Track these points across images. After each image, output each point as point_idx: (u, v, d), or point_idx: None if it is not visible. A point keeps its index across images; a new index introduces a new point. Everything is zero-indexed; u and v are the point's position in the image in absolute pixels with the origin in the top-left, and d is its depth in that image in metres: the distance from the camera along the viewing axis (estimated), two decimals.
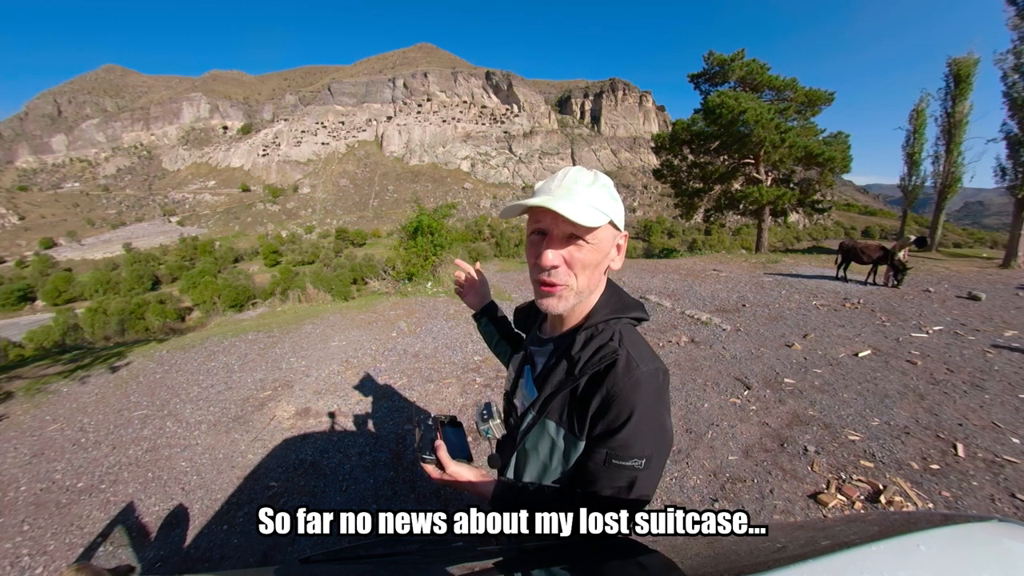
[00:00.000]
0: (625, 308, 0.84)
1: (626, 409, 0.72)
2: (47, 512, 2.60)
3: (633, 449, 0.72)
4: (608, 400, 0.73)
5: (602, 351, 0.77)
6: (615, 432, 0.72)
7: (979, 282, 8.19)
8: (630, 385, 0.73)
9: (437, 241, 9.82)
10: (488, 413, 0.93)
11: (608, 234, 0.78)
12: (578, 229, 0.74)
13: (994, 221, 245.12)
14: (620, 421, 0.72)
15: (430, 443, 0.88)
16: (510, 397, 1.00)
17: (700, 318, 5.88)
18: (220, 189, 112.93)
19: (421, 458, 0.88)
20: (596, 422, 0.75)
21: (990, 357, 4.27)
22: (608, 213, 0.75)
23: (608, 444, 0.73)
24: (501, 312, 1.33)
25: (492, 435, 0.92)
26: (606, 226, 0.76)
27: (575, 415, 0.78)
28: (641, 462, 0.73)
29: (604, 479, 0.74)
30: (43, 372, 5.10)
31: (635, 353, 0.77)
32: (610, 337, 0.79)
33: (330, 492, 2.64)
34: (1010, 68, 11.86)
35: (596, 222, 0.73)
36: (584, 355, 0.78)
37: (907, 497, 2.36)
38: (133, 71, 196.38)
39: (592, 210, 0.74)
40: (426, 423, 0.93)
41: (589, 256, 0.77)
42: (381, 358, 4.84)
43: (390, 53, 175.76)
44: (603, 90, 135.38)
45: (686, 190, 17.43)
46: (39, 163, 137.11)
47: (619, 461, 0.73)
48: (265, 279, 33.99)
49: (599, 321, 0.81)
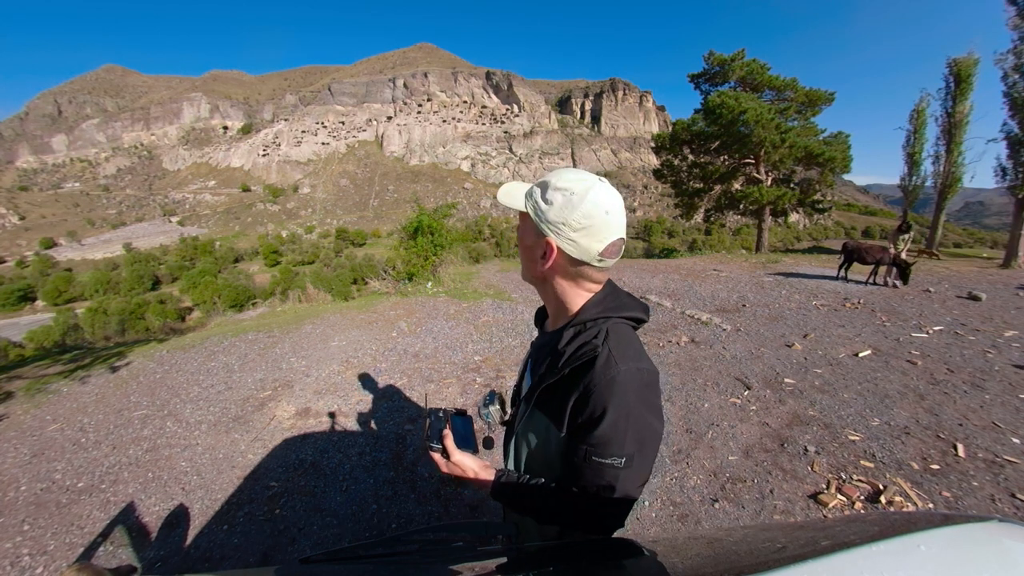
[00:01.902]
0: (619, 308, 0.84)
1: (600, 406, 0.73)
2: (47, 512, 2.60)
3: (611, 447, 0.73)
4: (585, 396, 0.75)
5: (584, 347, 0.78)
6: (591, 428, 0.73)
7: (979, 282, 8.19)
8: (605, 382, 0.73)
9: (437, 241, 9.81)
10: (490, 399, 0.97)
11: (528, 226, 0.84)
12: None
13: (994, 221, 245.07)
14: (595, 417, 0.73)
15: (438, 433, 0.91)
16: (517, 386, 1.07)
17: (700, 318, 5.87)
18: (220, 189, 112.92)
19: (428, 446, 0.90)
20: (575, 417, 0.77)
21: (990, 357, 4.27)
22: (527, 207, 0.83)
23: (587, 440, 0.74)
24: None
25: (492, 419, 0.97)
26: (526, 217, 0.84)
27: (558, 408, 0.80)
28: (620, 460, 0.73)
29: (587, 475, 0.75)
30: (43, 372, 5.10)
31: (617, 351, 0.76)
32: (595, 335, 0.79)
33: (330, 492, 2.64)
34: (1010, 68, 11.84)
35: (508, 203, 0.85)
36: (569, 350, 0.80)
37: (907, 497, 2.35)
38: (133, 71, 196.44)
39: (517, 194, 0.85)
40: (436, 414, 0.96)
41: (519, 235, 0.88)
42: (381, 358, 4.83)
43: (390, 53, 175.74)
44: (603, 90, 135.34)
45: (686, 190, 17.42)
46: (39, 163, 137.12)
47: (598, 458, 0.73)
48: (265, 279, 34.00)
49: (588, 319, 0.82)
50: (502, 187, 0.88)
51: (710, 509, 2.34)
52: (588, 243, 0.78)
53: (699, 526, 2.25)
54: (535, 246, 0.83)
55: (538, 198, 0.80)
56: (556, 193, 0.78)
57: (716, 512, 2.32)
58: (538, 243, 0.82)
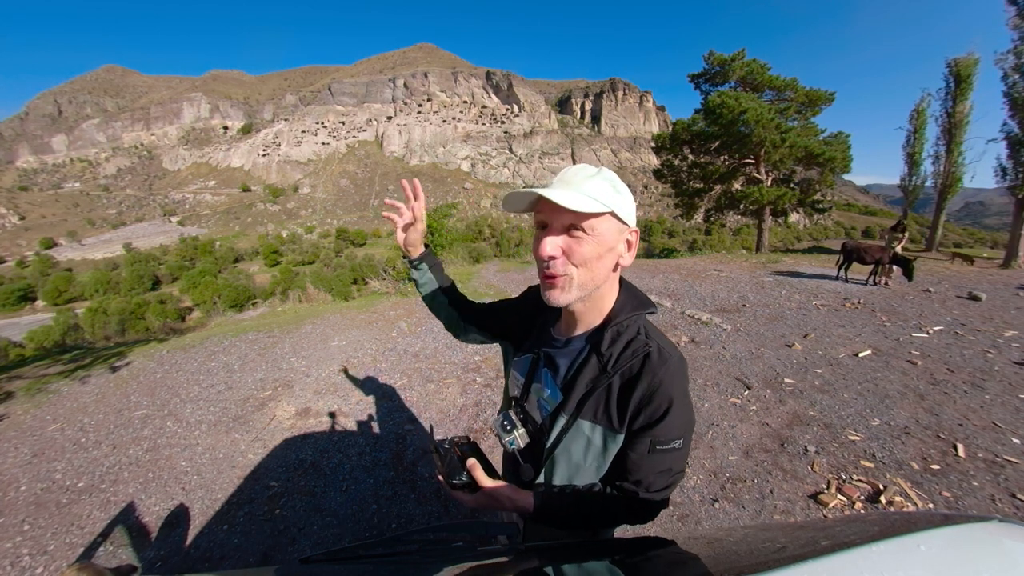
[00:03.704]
0: (642, 304, 0.86)
1: (667, 398, 0.76)
2: (47, 512, 2.60)
3: (673, 432, 0.77)
4: (650, 392, 0.76)
5: (633, 345, 0.80)
6: (658, 421, 0.76)
7: (979, 282, 8.19)
8: (668, 375, 0.76)
9: (437, 241, 9.83)
10: (510, 424, 0.90)
11: (611, 227, 0.77)
12: (576, 218, 0.74)
13: (995, 221, 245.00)
14: (663, 410, 0.76)
15: (458, 466, 0.84)
16: (521, 402, 0.95)
17: (700, 318, 5.87)
18: (220, 189, 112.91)
19: (451, 483, 0.84)
20: (637, 414, 0.78)
21: (990, 357, 4.27)
22: (608, 204, 0.74)
23: (651, 433, 0.77)
24: (439, 259, 1.20)
25: (516, 445, 0.89)
26: (607, 218, 0.76)
27: (614, 410, 0.79)
28: (680, 442, 0.78)
29: (647, 466, 0.78)
30: (43, 372, 5.10)
31: (663, 344, 0.81)
32: (637, 332, 0.82)
33: (330, 492, 2.64)
34: (1010, 68, 11.85)
35: (589, 209, 0.73)
36: (615, 351, 0.80)
37: (907, 497, 2.35)
38: (133, 71, 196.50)
39: (588, 199, 0.73)
40: (442, 447, 0.91)
41: (589, 248, 0.75)
42: (381, 358, 4.84)
43: (390, 53, 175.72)
44: (603, 90, 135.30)
45: (686, 190, 17.41)
46: (39, 163, 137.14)
47: (662, 447, 0.77)
48: (265, 279, 33.99)
49: (623, 319, 0.82)
50: (560, 195, 0.72)
51: (710, 509, 2.34)
52: None
53: (699, 526, 2.25)
54: (616, 245, 0.79)
55: (613, 194, 0.76)
56: (620, 185, 0.79)
57: (716, 512, 2.32)
58: (620, 238, 0.79)
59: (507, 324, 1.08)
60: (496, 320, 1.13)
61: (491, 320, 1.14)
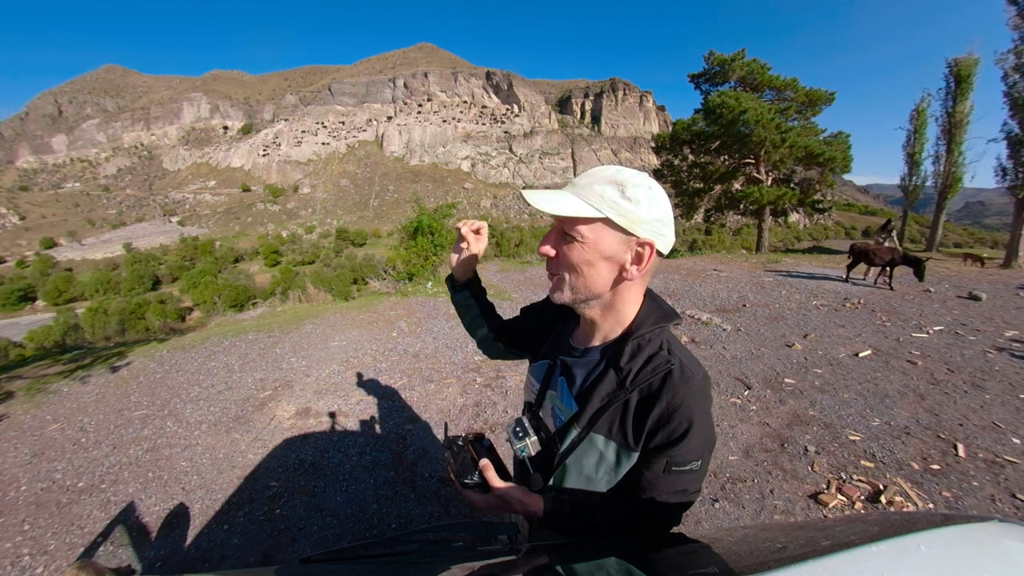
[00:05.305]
0: (667, 316, 0.81)
1: (687, 419, 0.72)
2: (47, 512, 2.60)
3: (692, 454, 0.73)
4: (669, 411, 0.72)
5: (654, 361, 0.75)
6: (677, 442, 0.72)
7: (980, 282, 8.19)
8: (690, 395, 0.72)
9: (437, 241, 9.83)
10: (523, 431, 0.88)
11: (605, 234, 0.73)
12: (563, 221, 0.74)
13: (995, 221, 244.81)
14: (682, 431, 0.72)
15: (471, 465, 0.82)
16: (534, 408, 0.93)
17: (700, 318, 5.87)
18: (220, 189, 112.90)
19: (462, 483, 0.82)
20: (655, 433, 0.74)
21: (991, 357, 4.27)
22: (603, 211, 0.70)
23: (668, 454, 0.73)
24: (483, 286, 1.19)
25: (527, 452, 0.88)
26: (600, 225, 0.72)
27: (629, 427, 0.76)
28: (698, 463, 0.74)
29: (662, 485, 0.75)
30: (43, 372, 5.10)
31: (686, 360, 0.76)
32: (659, 347, 0.77)
33: (330, 492, 2.64)
34: (1011, 68, 11.87)
35: (569, 213, 0.70)
36: (634, 366, 0.76)
37: (907, 497, 2.35)
38: (133, 71, 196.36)
39: (576, 203, 0.71)
40: (456, 444, 0.89)
41: (576, 254, 0.74)
42: (381, 358, 4.83)
43: (390, 53, 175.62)
44: (603, 90, 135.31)
45: (686, 190, 17.41)
46: (40, 163, 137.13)
47: (679, 468, 0.73)
48: (265, 279, 33.96)
49: (645, 331, 0.78)
50: (537, 197, 0.73)
51: (710, 509, 2.34)
52: (671, 236, 0.77)
53: (699, 526, 2.25)
54: (616, 254, 0.74)
55: (617, 199, 0.71)
56: (637, 190, 0.71)
57: (716, 512, 2.32)
58: (625, 248, 0.74)
59: (532, 334, 1.07)
60: (524, 336, 1.12)
61: (519, 337, 1.14)
